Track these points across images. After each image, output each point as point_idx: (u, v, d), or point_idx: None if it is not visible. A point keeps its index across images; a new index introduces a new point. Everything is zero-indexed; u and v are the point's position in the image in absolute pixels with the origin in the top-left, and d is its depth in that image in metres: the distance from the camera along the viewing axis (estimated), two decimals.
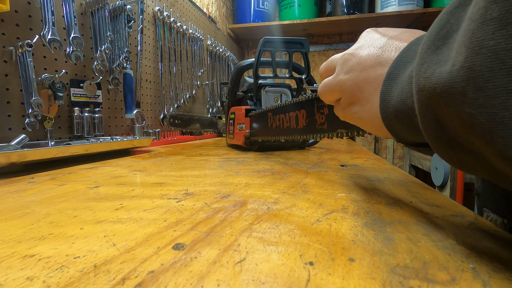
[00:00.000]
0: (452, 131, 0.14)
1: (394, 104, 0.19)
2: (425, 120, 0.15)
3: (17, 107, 0.57)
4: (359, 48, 0.25)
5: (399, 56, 0.20)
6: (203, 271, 0.14)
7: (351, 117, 0.26)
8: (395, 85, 0.19)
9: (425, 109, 0.15)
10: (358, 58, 0.24)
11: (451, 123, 0.13)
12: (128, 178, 0.40)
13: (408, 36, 0.22)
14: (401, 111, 0.18)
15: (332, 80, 0.27)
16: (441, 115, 0.14)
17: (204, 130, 1.24)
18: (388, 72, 0.20)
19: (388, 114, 0.20)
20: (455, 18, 0.14)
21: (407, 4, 1.85)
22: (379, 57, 0.22)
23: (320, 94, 0.29)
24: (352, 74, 0.24)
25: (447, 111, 0.13)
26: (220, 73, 1.66)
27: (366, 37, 0.25)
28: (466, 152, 0.14)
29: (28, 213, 0.25)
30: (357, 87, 0.24)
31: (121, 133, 0.87)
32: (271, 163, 0.53)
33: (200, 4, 1.49)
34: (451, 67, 0.12)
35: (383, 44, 0.23)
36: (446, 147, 0.15)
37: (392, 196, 0.29)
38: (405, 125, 0.19)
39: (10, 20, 0.56)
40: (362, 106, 0.24)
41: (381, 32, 0.24)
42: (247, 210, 0.24)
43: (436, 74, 0.13)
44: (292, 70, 0.70)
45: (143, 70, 0.97)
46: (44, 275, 0.14)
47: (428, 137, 0.16)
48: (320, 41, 2.30)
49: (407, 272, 0.14)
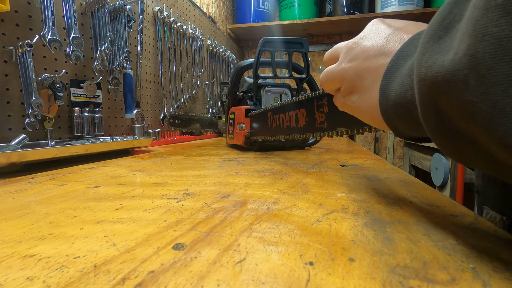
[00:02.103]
0: (453, 121, 0.13)
1: (393, 97, 0.19)
2: (425, 111, 0.15)
3: (17, 107, 0.57)
4: (364, 37, 0.24)
5: (400, 49, 0.20)
6: (203, 271, 0.14)
7: (349, 106, 0.26)
8: (394, 79, 0.19)
9: (426, 99, 0.14)
10: (362, 47, 0.24)
11: (451, 113, 0.13)
12: (128, 178, 0.40)
13: (414, 28, 0.22)
14: (401, 104, 0.18)
15: (335, 68, 0.26)
16: (442, 105, 0.13)
17: (204, 130, 1.24)
18: (389, 66, 0.20)
19: (388, 108, 0.20)
20: (458, 8, 0.14)
21: (407, 4, 1.86)
22: (383, 47, 0.22)
23: (321, 82, 0.29)
24: (354, 62, 0.24)
25: (448, 100, 0.13)
26: (220, 73, 1.66)
27: (372, 26, 0.25)
28: (466, 142, 0.13)
29: (28, 213, 0.25)
30: (358, 76, 0.24)
31: (121, 133, 0.87)
32: (271, 163, 0.53)
33: (200, 4, 1.49)
34: (453, 55, 0.12)
35: (388, 35, 0.23)
36: (446, 137, 0.15)
37: (392, 196, 0.29)
38: (405, 119, 0.19)
39: (10, 20, 0.56)
40: (362, 95, 0.24)
41: (387, 23, 0.24)
42: (247, 210, 0.24)
43: (438, 63, 0.13)
44: (292, 70, 0.70)
45: (143, 70, 0.97)
46: (44, 275, 0.14)
47: (428, 128, 0.16)
48: (320, 41, 2.30)
49: (407, 272, 0.14)
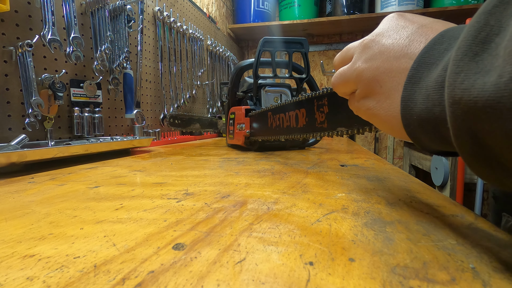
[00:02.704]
0: (493, 150, 0.12)
1: (418, 112, 0.17)
2: (459, 135, 0.14)
3: (17, 107, 0.57)
4: (382, 34, 0.21)
5: (420, 56, 0.18)
6: (203, 271, 0.14)
7: (365, 112, 0.23)
8: (418, 90, 0.17)
9: (461, 124, 0.13)
10: (381, 46, 0.21)
11: (493, 142, 0.12)
12: (128, 178, 0.40)
13: (440, 26, 0.19)
14: (427, 120, 0.16)
15: (348, 69, 0.24)
16: (481, 131, 0.12)
17: (204, 130, 1.24)
18: (409, 75, 0.18)
19: (411, 122, 0.18)
20: (495, 19, 0.12)
21: (407, 4, 1.86)
22: (406, 47, 0.19)
23: (333, 84, 0.26)
24: (372, 63, 0.21)
25: (490, 128, 0.12)
26: (220, 73, 1.66)
27: (391, 22, 0.22)
28: (509, 173, 0.12)
29: (28, 213, 0.25)
30: (376, 79, 0.21)
31: (121, 133, 0.87)
32: (271, 163, 0.53)
33: (200, 4, 1.49)
34: (497, 78, 0.11)
35: (411, 33, 0.20)
36: (485, 166, 0.13)
37: (392, 196, 0.29)
38: (431, 135, 0.17)
39: (10, 20, 0.56)
40: (380, 102, 0.21)
41: (409, 19, 0.21)
42: (247, 210, 0.24)
43: (477, 85, 0.12)
44: (292, 70, 0.70)
45: (143, 70, 0.97)
46: (44, 275, 0.14)
47: (463, 154, 0.14)
48: (320, 41, 2.30)
49: (407, 272, 0.14)
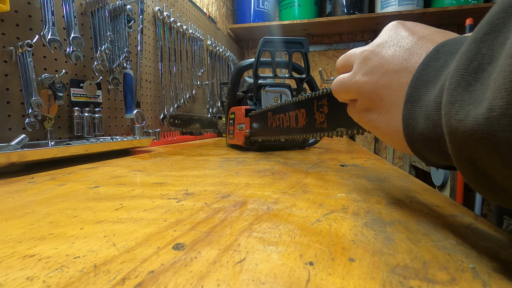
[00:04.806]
0: (494, 178, 0.12)
1: (420, 131, 0.17)
2: (460, 161, 0.13)
3: (17, 107, 0.57)
4: (382, 45, 0.21)
5: (417, 73, 0.17)
6: (203, 271, 0.14)
7: (366, 123, 0.23)
8: (418, 109, 0.17)
9: (459, 152, 0.13)
10: (380, 59, 0.21)
11: (493, 171, 0.12)
12: (128, 178, 0.40)
13: (441, 38, 0.19)
14: (430, 139, 0.16)
15: (349, 80, 0.24)
16: (480, 161, 0.12)
17: (204, 130, 1.24)
18: (408, 94, 0.18)
19: (415, 140, 0.18)
20: (486, 48, 0.12)
21: (407, 4, 1.86)
22: (405, 61, 0.19)
23: (333, 91, 0.26)
24: (371, 76, 0.21)
25: (488, 158, 0.11)
26: (220, 73, 1.66)
27: (390, 32, 0.21)
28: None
29: (28, 213, 0.25)
30: (376, 93, 0.21)
31: (121, 133, 0.87)
32: (271, 163, 0.53)
33: (200, 4, 1.49)
34: (488, 111, 0.11)
35: (412, 45, 0.19)
36: (487, 190, 0.13)
37: (392, 196, 0.29)
38: (437, 153, 0.17)
39: (10, 20, 0.56)
40: (381, 115, 0.21)
41: (409, 29, 0.20)
42: (247, 210, 0.24)
43: (471, 117, 0.11)
44: (292, 70, 0.70)
45: (143, 70, 0.97)
46: (44, 275, 0.14)
47: (465, 178, 0.14)
48: (320, 41, 2.30)
49: (407, 272, 0.14)
